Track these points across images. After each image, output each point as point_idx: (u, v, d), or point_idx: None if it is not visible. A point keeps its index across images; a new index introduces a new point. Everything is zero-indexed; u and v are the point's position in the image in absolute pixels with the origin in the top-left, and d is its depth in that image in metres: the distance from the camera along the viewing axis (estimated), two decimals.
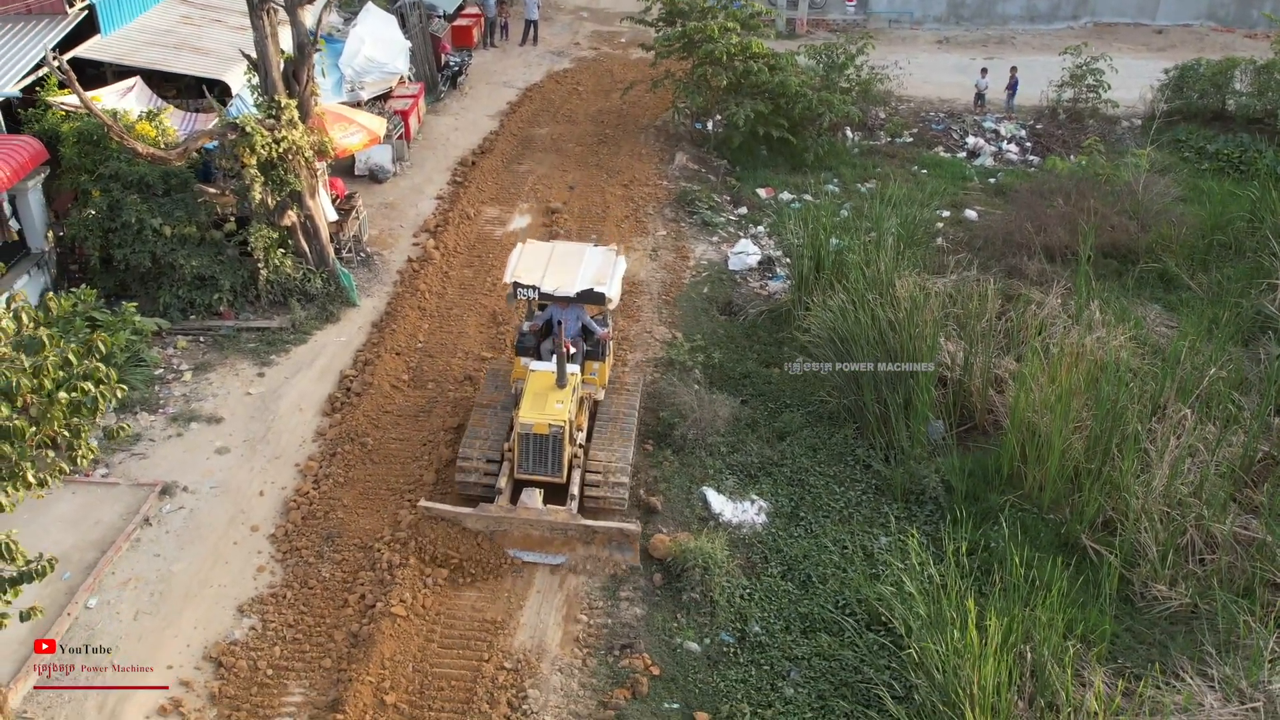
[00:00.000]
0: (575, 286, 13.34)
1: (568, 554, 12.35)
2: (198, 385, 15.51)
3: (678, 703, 10.93)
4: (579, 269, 13.66)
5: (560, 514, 12.30)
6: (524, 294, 13.31)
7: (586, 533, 12.29)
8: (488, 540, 12.35)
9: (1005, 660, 10.01)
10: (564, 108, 26.18)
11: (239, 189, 15.88)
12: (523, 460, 12.65)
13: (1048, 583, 10.94)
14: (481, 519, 12.30)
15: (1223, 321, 16.02)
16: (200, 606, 11.89)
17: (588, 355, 13.86)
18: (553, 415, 12.46)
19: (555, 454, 12.57)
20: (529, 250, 14.17)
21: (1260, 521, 12.66)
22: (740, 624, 11.83)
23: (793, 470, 14.17)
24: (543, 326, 13.99)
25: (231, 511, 13.24)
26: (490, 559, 12.25)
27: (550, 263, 13.81)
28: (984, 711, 9.49)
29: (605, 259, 14.05)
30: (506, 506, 12.41)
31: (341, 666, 11.03)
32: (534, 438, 12.47)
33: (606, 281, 13.48)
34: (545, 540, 12.34)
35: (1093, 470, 13.15)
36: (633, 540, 12.30)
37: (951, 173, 23.01)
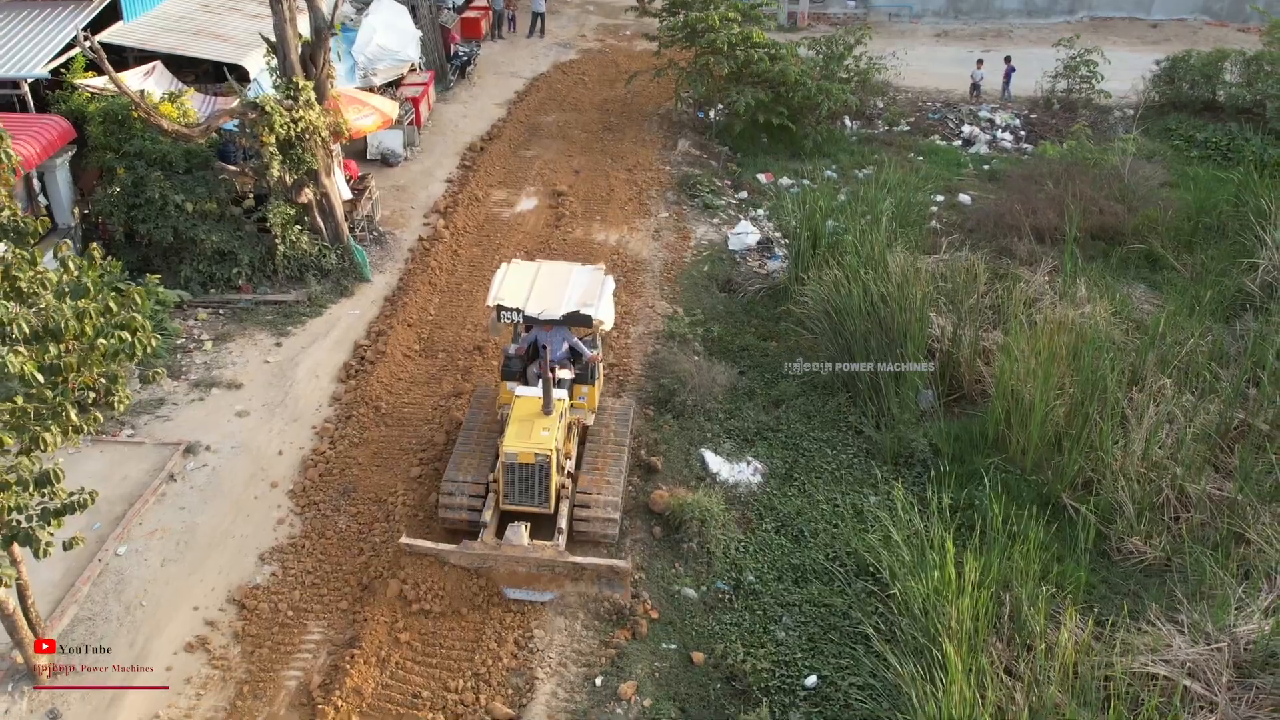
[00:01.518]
0: (561, 309, 12.80)
1: (556, 591, 11.79)
2: (218, 354, 16.19)
3: (675, 643, 11.57)
4: (565, 290, 13.12)
5: (547, 550, 11.69)
6: (508, 317, 12.82)
7: (575, 569, 11.74)
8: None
9: (982, 599, 10.66)
10: (570, 97, 26.86)
11: (258, 167, 16.56)
12: (508, 491, 12.04)
13: (1025, 530, 11.58)
14: (465, 556, 11.73)
15: (1205, 299, 16.64)
16: (224, 554, 12.56)
17: (576, 379, 13.24)
18: (539, 444, 11.83)
19: (542, 484, 11.97)
20: (513, 270, 13.58)
21: (1233, 483, 13.28)
22: (735, 573, 12.47)
23: (787, 435, 14.80)
24: (529, 349, 13.38)
25: (252, 469, 13.91)
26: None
27: (535, 284, 13.24)
28: (961, 645, 10.11)
29: (593, 279, 13.50)
30: (491, 543, 11.77)
31: (357, 609, 11.70)
32: (519, 467, 11.85)
33: (594, 302, 12.92)
34: (532, 577, 11.76)
35: (1073, 435, 13.78)
36: (623, 577, 11.80)
37: (947, 160, 23.64)
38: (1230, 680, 10.68)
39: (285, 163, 16.49)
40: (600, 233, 19.84)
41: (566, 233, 19.76)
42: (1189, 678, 10.70)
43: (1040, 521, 11.99)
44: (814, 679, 11.16)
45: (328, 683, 10.83)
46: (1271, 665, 10.78)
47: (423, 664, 11.03)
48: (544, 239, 19.62)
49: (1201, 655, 10.94)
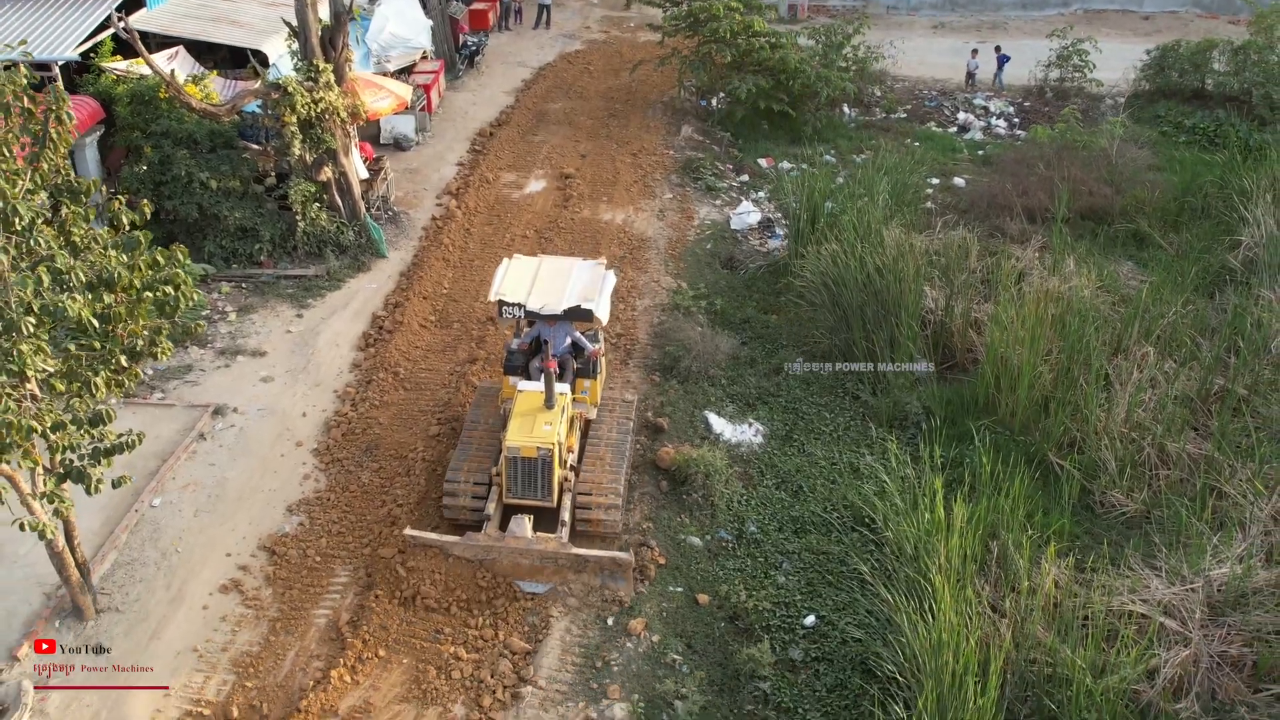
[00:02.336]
0: (562, 303, 12.90)
1: (559, 583, 11.89)
2: (242, 325, 16.89)
3: (681, 586, 12.28)
4: (566, 285, 13.22)
5: (550, 542, 11.83)
6: (509, 313, 12.93)
7: (578, 561, 11.84)
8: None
9: (969, 540, 11.36)
10: (576, 85, 27.58)
11: (279, 146, 17.26)
12: (511, 485, 12.20)
13: (1012, 479, 12.29)
14: (469, 548, 11.84)
15: (1189, 274, 17.34)
16: (253, 506, 13.27)
17: (578, 373, 13.36)
18: (541, 438, 11.99)
19: (545, 477, 12.14)
20: (515, 266, 13.68)
21: (1210, 442, 13.98)
22: (738, 524, 13.17)
23: (787, 400, 15.50)
24: (531, 344, 13.57)
25: (278, 430, 14.62)
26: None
27: (536, 279, 13.35)
28: (949, 578, 10.80)
29: (594, 274, 13.58)
30: (495, 535, 11.90)
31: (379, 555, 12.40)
32: (522, 461, 12.01)
33: (595, 297, 13.03)
34: (535, 569, 11.88)
35: (1059, 398, 14.48)
36: (625, 569, 11.85)
37: (942, 145, 24.34)
38: (1204, 618, 11.37)
39: (306, 142, 17.20)
40: (607, 212, 20.54)
41: (574, 213, 20.46)
42: (1165, 615, 11.41)
43: (1026, 473, 12.70)
44: (812, 619, 11.87)
45: (355, 620, 11.54)
46: (1242, 605, 11.49)
47: (441, 609, 11.68)
48: (553, 219, 20.32)
49: (1177, 595, 11.64)
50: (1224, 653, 11.20)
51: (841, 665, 11.29)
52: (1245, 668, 11.18)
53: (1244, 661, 11.22)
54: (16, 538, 12.31)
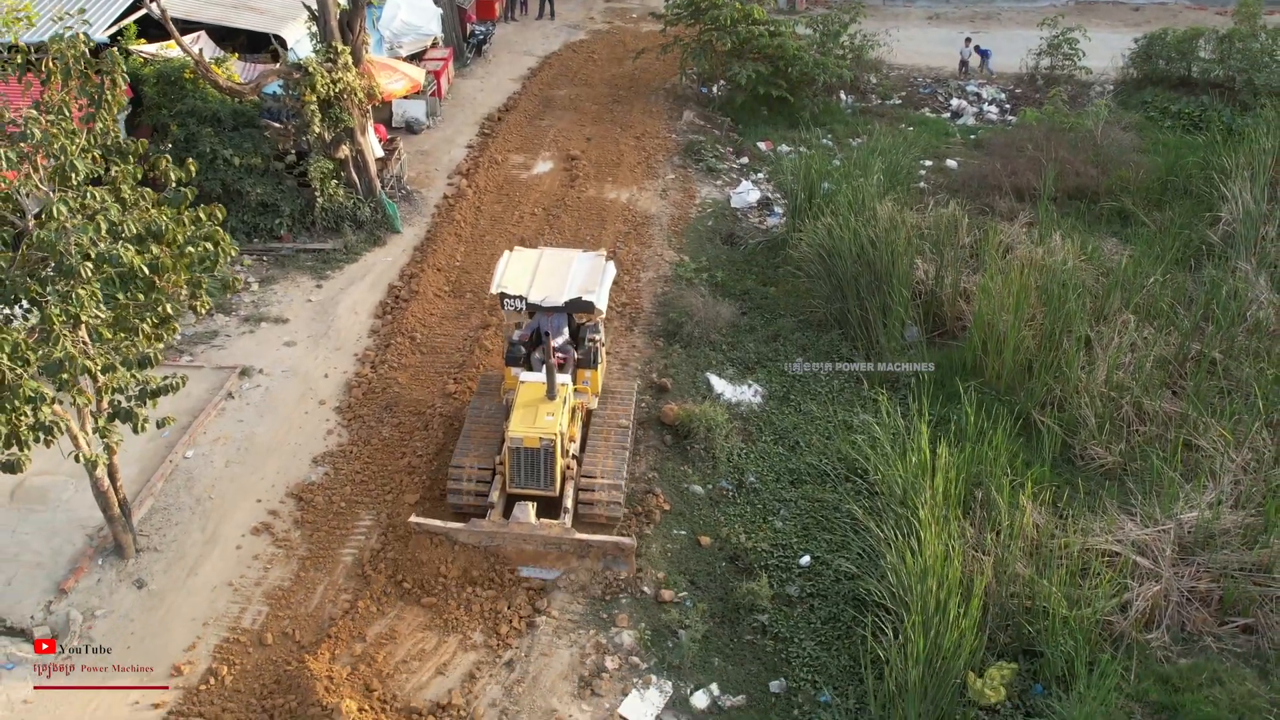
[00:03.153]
0: (563, 295, 13.09)
1: (562, 568, 12.12)
2: (264, 295, 17.68)
3: (684, 530, 13.07)
4: (567, 277, 13.38)
5: (553, 528, 12.01)
6: (510, 305, 13.11)
7: (581, 546, 12.02)
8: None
9: (954, 480, 12.15)
10: (580, 73, 28.38)
11: (300, 125, 18.05)
12: (514, 474, 12.35)
13: (995, 428, 13.09)
14: (474, 534, 12.04)
15: (1170, 247, 18.11)
16: (280, 458, 14.06)
17: (579, 364, 13.46)
18: (543, 428, 12.14)
19: (547, 467, 12.28)
20: (515, 258, 13.83)
21: (1185, 399, 14.77)
22: (737, 475, 13.96)
23: (786, 363, 16.29)
24: (532, 335, 13.70)
25: (301, 389, 15.41)
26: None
27: (537, 271, 13.52)
28: (934, 516, 11.59)
29: (594, 266, 13.72)
30: (499, 521, 12.10)
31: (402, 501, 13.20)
32: (524, 451, 12.16)
33: (595, 289, 13.21)
34: (539, 555, 12.08)
35: (1043, 360, 15.27)
36: (628, 554, 12.08)
37: (935, 130, 25.12)
38: (1174, 557, 12.19)
39: (325, 120, 17.98)
40: (611, 191, 21.33)
41: (580, 192, 21.25)
42: (1138, 554, 12.22)
43: (1009, 424, 13.49)
44: (807, 559, 12.67)
45: (377, 558, 12.34)
46: (1211, 545, 12.29)
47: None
48: (560, 197, 21.11)
49: (1149, 536, 12.46)
50: (1193, 588, 12.03)
51: (835, 600, 12.09)
52: (1212, 602, 12.00)
53: (1211, 596, 12.03)
54: (60, 484, 13.23)
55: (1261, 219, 18.68)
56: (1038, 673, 11.16)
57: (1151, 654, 11.40)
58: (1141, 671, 11.11)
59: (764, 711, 10.98)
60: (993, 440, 13.03)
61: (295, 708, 10.35)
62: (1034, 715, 10.74)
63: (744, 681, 11.27)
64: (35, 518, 12.86)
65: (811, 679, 11.25)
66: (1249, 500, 12.85)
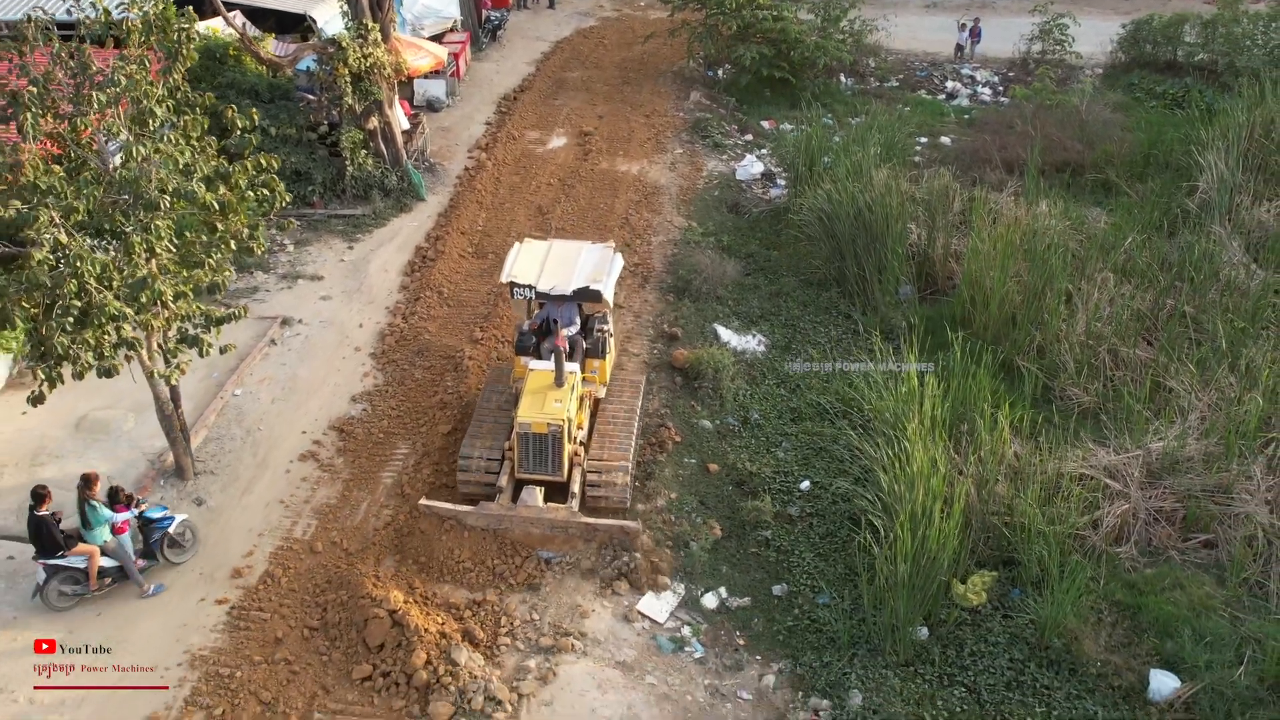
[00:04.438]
0: (571, 285, 13.26)
1: (569, 552, 12.38)
2: (299, 255, 18.89)
3: (694, 459, 14.26)
4: (575, 267, 13.57)
5: (560, 511, 12.25)
6: (520, 293, 13.29)
7: (587, 530, 12.26)
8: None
9: (940, 408, 13.32)
10: (591, 57, 29.63)
11: (332, 97, 19.26)
12: (523, 460, 12.55)
13: (978, 364, 14.28)
14: (482, 517, 12.29)
15: (1150, 213, 19.28)
16: (321, 396, 15.26)
17: (587, 353, 13.74)
18: (551, 414, 12.34)
19: (555, 453, 12.47)
20: (525, 249, 14.03)
21: (1158, 347, 15.93)
22: (743, 412, 15.15)
23: (787, 318, 17.49)
24: (541, 325, 14.04)
25: (338, 337, 16.61)
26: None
27: (546, 261, 13.71)
28: (922, 437, 12.76)
29: (602, 256, 13.91)
30: (507, 505, 12.37)
31: (436, 431, 14.38)
32: (533, 437, 12.36)
33: (603, 279, 13.39)
34: (546, 538, 12.34)
35: (1027, 313, 16.43)
36: (634, 538, 12.31)
37: (931, 110, 26.33)
38: (1142, 480, 13.34)
39: (356, 93, 19.19)
40: (623, 164, 22.54)
41: (594, 164, 22.46)
42: (1109, 478, 13.39)
43: (994, 364, 14.67)
44: (807, 484, 13.86)
45: (414, 478, 13.54)
46: (1176, 470, 13.45)
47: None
48: (574, 169, 22.32)
49: (1120, 462, 13.61)
50: (1159, 508, 13.18)
51: (832, 519, 13.28)
52: (1176, 520, 13.16)
53: (1175, 515, 13.19)
54: (120, 417, 14.45)
55: (1236, 188, 19.85)
56: (1016, 579, 12.30)
57: (1120, 565, 12.56)
58: (1110, 578, 12.27)
59: (768, 611, 12.17)
60: (977, 376, 14.20)
61: (346, 600, 11.53)
62: (1011, 615, 11.88)
63: (749, 586, 12.46)
64: (100, 446, 14.05)
65: (810, 584, 12.42)
66: (1213, 432, 14.02)
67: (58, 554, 11.35)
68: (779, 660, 11.60)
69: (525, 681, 10.82)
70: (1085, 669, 11.20)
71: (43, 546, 11.34)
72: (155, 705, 10.51)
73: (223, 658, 11.05)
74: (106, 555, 11.63)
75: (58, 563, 11.37)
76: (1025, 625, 11.62)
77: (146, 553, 12.04)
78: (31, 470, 13.53)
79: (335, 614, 11.44)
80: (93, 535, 11.52)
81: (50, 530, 11.25)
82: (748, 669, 11.49)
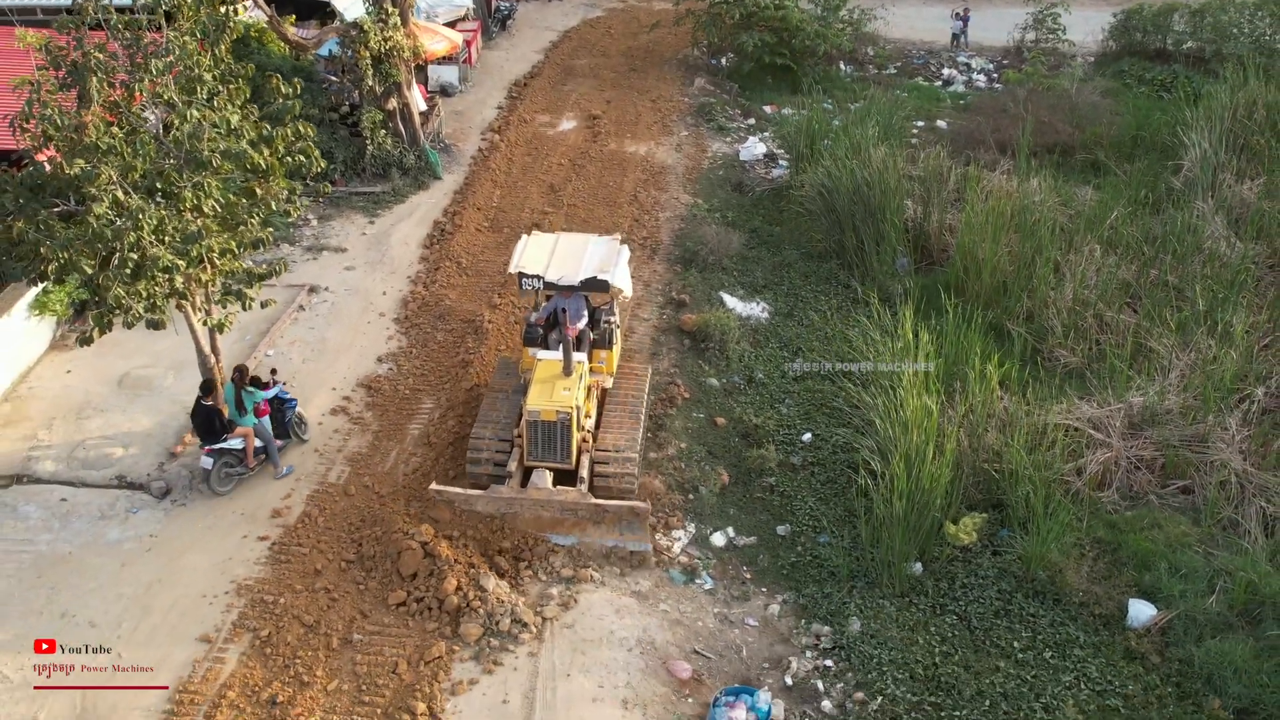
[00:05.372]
0: (580, 275, 13.52)
1: (578, 535, 12.49)
2: (323, 229, 19.76)
3: (702, 413, 15.12)
4: (583, 259, 13.83)
5: (570, 494, 12.40)
6: (529, 284, 13.54)
7: (597, 512, 12.37)
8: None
9: (933, 358, 14.17)
10: (598, 45, 30.55)
11: (354, 79, 20.13)
12: (532, 447, 12.76)
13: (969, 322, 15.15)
14: (493, 501, 12.46)
15: (1136, 189, 20.14)
16: (349, 357, 16.12)
17: (595, 344, 13.96)
18: (560, 402, 12.56)
19: (564, 440, 12.69)
20: (533, 242, 14.30)
21: (1141, 311, 16.79)
22: (748, 372, 16.02)
23: (789, 287, 18.35)
24: (549, 317, 14.30)
25: (363, 304, 17.47)
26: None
27: (554, 253, 13.95)
28: (915, 384, 13.62)
29: (609, 249, 14.13)
30: (517, 489, 12.57)
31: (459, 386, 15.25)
32: (542, 424, 12.56)
33: (610, 269, 13.60)
34: (556, 521, 12.47)
35: (1017, 280, 17.29)
36: (643, 519, 12.41)
37: (928, 96, 27.21)
38: (1124, 430, 14.20)
39: (376, 74, 20.06)
40: (631, 146, 23.43)
41: (603, 146, 23.35)
42: (1093, 428, 14.25)
43: (984, 329, 15.52)
44: (809, 436, 14.72)
45: (440, 428, 14.40)
46: (1156, 422, 14.30)
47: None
48: (584, 150, 23.21)
49: (1103, 414, 14.48)
50: (1139, 456, 14.04)
51: (832, 467, 14.15)
52: (1155, 468, 14.02)
53: (1155, 463, 14.05)
54: (160, 374, 15.33)
55: (1220, 166, 20.72)
56: (1004, 520, 13.16)
57: (1102, 508, 13.41)
58: (1092, 519, 13.13)
59: (772, 549, 13.03)
60: (968, 334, 15.06)
61: (380, 535, 12.40)
62: (1000, 552, 12.74)
63: (755, 526, 13.33)
64: (142, 400, 14.92)
65: (812, 524, 13.30)
66: (1190, 387, 14.88)
67: (221, 439, 13.07)
68: (783, 592, 12.45)
69: (548, 607, 11.68)
70: (1068, 599, 12.03)
71: (210, 432, 13.06)
72: (206, 627, 11.35)
73: (266, 587, 11.90)
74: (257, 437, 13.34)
75: (222, 446, 13.10)
76: (1013, 561, 12.46)
77: (281, 433, 13.73)
78: (79, 422, 14.40)
79: (370, 547, 12.31)
80: (246, 420, 13.24)
81: (219, 418, 13.02)
82: (754, 599, 12.34)
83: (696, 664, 11.32)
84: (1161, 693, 11.03)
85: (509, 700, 10.68)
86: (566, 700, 10.70)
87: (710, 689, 10.98)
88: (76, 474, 13.56)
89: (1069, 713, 10.77)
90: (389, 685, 10.73)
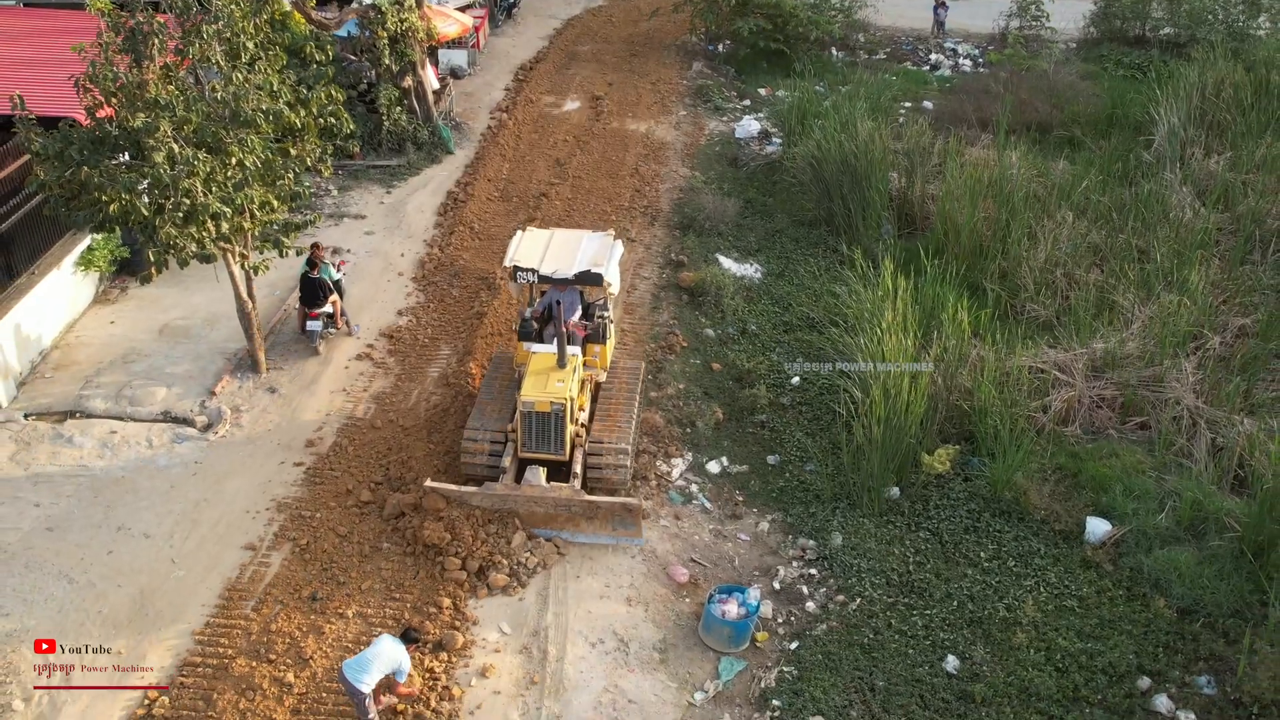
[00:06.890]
0: (573, 269, 13.65)
1: (572, 530, 12.64)
2: (343, 198, 21.01)
3: (699, 360, 16.37)
4: (577, 252, 13.98)
5: (564, 490, 12.49)
6: (523, 277, 13.64)
7: (590, 508, 12.48)
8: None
9: (911, 305, 15.41)
10: (600, 33, 31.86)
11: (372, 58, 21.39)
12: (526, 439, 12.81)
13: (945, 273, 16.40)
14: (487, 497, 12.50)
15: (1109, 161, 21.39)
16: (371, 311, 17.35)
17: (588, 338, 14.09)
18: (554, 393, 12.61)
19: (557, 432, 12.75)
20: (528, 237, 14.49)
21: (1107, 271, 18.03)
22: (741, 324, 17.26)
23: (781, 251, 19.60)
24: (544, 311, 14.50)
25: (382, 265, 18.71)
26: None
27: (549, 248, 14.10)
28: (894, 325, 14.85)
29: (602, 244, 14.28)
30: (511, 484, 12.61)
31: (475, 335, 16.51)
32: (536, 416, 12.63)
33: (604, 264, 13.74)
34: (549, 517, 12.57)
35: (993, 243, 18.53)
36: (635, 514, 12.52)
37: (915, 80, 28.50)
38: (1087, 373, 15.44)
39: (393, 53, 21.32)
40: (632, 124, 24.71)
41: (606, 124, 24.63)
42: (1058, 370, 15.49)
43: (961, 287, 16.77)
44: (798, 379, 15.96)
45: (458, 371, 15.65)
46: (1117, 366, 15.53)
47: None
48: (588, 128, 24.48)
49: (1069, 358, 15.71)
50: (1101, 396, 15.28)
51: (819, 407, 15.38)
52: (1115, 406, 15.25)
53: (1115, 402, 15.28)
54: (199, 324, 16.55)
55: (1188, 141, 21.98)
56: (975, 451, 14.40)
57: (1065, 441, 14.65)
58: (1055, 450, 14.36)
59: (763, 475, 14.27)
60: (943, 286, 16.31)
61: (405, 460, 13.64)
62: (971, 479, 13.97)
63: (747, 456, 14.57)
64: (182, 347, 16.14)
65: (800, 455, 14.54)
66: (1150, 335, 16.11)
67: (320, 304, 15.92)
68: (772, 512, 13.70)
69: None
70: (1031, 517, 13.25)
71: (315, 298, 15.89)
72: (251, 537, 12.58)
73: (303, 504, 13.14)
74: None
75: (324, 310, 15.97)
76: (982, 485, 13.68)
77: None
78: (125, 367, 15.61)
79: (397, 471, 13.55)
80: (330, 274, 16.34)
81: (322, 285, 15.91)
82: (746, 518, 13.59)
83: (694, 570, 12.56)
84: (1113, 595, 12.23)
85: (524, 599, 11.93)
86: (577, 597, 11.95)
87: (705, 591, 12.21)
88: (124, 410, 14.76)
89: (1028, 611, 11.99)
90: (415, 586, 11.96)
